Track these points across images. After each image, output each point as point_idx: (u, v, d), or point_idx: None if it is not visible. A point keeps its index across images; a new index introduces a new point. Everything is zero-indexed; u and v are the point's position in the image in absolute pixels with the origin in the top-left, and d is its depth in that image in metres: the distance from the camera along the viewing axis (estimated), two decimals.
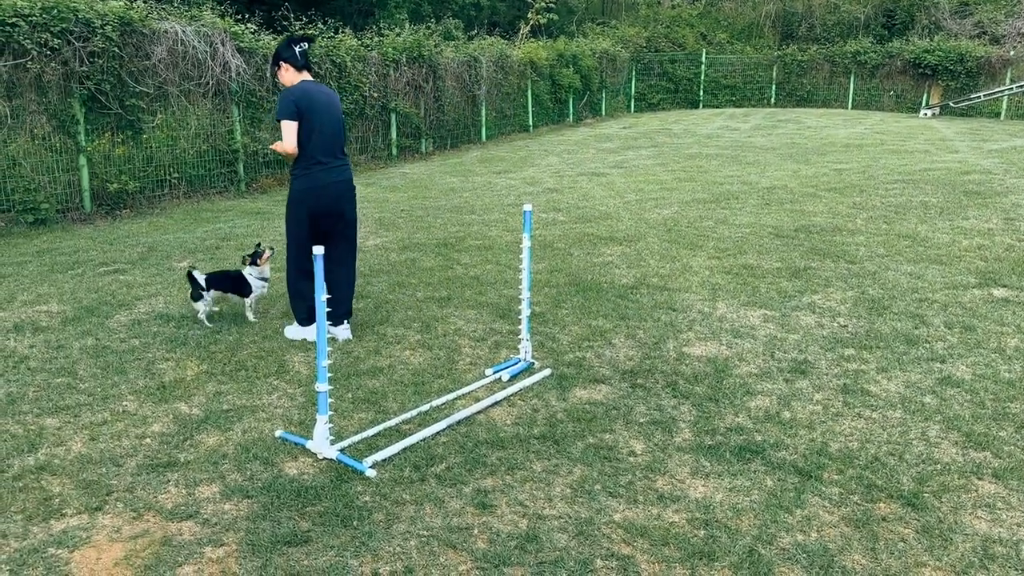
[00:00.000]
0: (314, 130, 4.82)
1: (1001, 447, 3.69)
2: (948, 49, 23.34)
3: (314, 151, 4.86)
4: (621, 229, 8.25)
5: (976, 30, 25.71)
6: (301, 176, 4.94)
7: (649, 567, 2.86)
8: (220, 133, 11.08)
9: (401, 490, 3.35)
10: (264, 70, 11.44)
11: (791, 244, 7.49)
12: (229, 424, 3.98)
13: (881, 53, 24.72)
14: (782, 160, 13.43)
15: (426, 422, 3.97)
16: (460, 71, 16.31)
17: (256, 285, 5.45)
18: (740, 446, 3.72)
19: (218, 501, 3.30)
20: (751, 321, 5.43)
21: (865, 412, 4.07)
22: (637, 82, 26.71)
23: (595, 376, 4.57)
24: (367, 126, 14.00)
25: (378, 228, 8.54)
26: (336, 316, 5.07)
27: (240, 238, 8.09)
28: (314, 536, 3.04)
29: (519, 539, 3.02)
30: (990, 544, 2.97)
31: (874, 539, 3.01)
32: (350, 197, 5.13)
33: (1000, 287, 6.09)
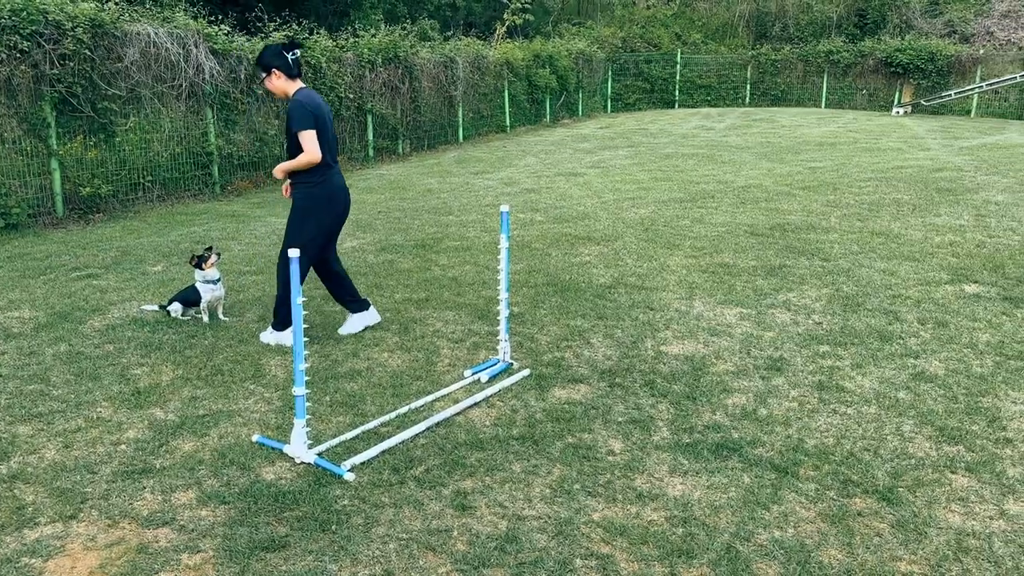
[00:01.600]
0: (326, 138, 4.83)
1: (974, 441, 3.74)
2: (919, 48, 23.66)
3: (327, 158, 4.87)
4: (599, 229, 8.28)
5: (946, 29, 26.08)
6: (321, 183, 4.89)
7: (628, 566, 2.87)
8: (194, 135, 10.99)
9: (380, 493, 3.34)
10: (238, 72, 11.36)
11: (766, 242, 7.55)
12: (205, 429, 3.95)
13: (853, 52, 25.00)
14: (757, 159, 13.54)
15: (405, 424, 3.96)
16: (436, 72, 16.29)
17: (203, 289, 5.42)
18: (717, 444, 3.75)
19: (195, 507, 3.27)
20: (727, 319, 5.47)
21: (840, 408, 4.11)
22: (613, 82, 26.80)
23: (574, 376, 4.58)
24: (343, 127, 13.93)
25: (355, 230, 8.50)
26: (362, 301, 5.35)
27: (215, 241, 8.03)
28: (292, 541, 3.02)
29: (499, 540, 3.02)
30: (964, 537, 3.01)
31: (850, 534, 3.04)
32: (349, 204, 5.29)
33: (972, 283, 6.18)
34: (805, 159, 13.38)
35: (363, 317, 5.34)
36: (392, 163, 14.56)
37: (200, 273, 5.41)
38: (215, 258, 5.47)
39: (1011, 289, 5.99)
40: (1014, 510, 3.18)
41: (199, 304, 5.47)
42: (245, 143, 11.73)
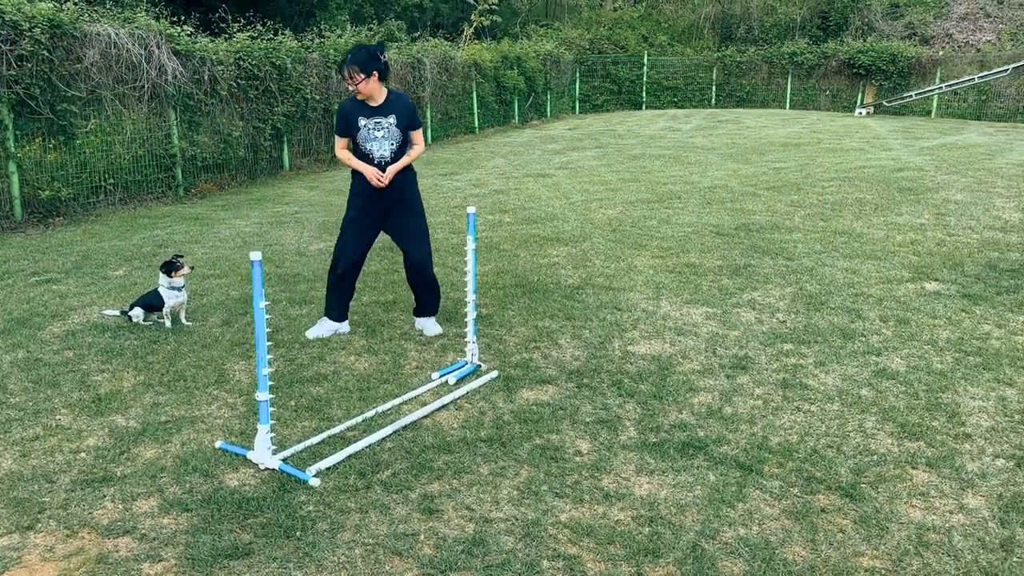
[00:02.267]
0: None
1: (934, 436, 3.80)
2: (880, 50, 24.05)
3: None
4: (567, 230, 8.30)
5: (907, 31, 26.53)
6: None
7: (595, 566, 2.88)
8: (157, 137, 10.83)
9: (346, 498, 3.31)
10: (201, 73, 11.21)
11: (732, 242, 7.62)
12: (167, 436, 3.89)
13: (817, 54, 25.34)
14: (723, 160, 13.66)
15: (371, 428, 3.93)
16: (404, 73, 16.22)
17: (166, 295, 5.34)
18: (683, 442, 3.77)
19: (156, 515, 3.22)
20: (694, 319, 5.51)
21: (804, 406, 4.16)
22: (581, 84, 26.90)
23: (542, 377, 4.58)
24: (309, 128, 13.83)
25: (322, 232, 8.44)
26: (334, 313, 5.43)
27: (178, 245, 7.92)
28: (256, 548, 2.98)
29: (466, 543, 3.01)
30: (924, 532, 3.06)
31: (814, 531, 3.07)
32: None
33: (932, 281, 6.29)
34: (770, 160, 13.53)
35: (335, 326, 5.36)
36: None
37: (166, 279, 5.33)
38: (187, 270, 5.40)
39: (970, 286, 6.10)
40: (973, 504, 3.24)
41: (161, 309, 5.39)
42: (209, 145, 11.59)
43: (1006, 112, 21.68)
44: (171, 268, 5.35)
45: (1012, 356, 4.75)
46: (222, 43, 12.01)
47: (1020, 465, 3.53)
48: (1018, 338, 5.04)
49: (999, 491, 3.32)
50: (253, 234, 8.46)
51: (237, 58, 11.92)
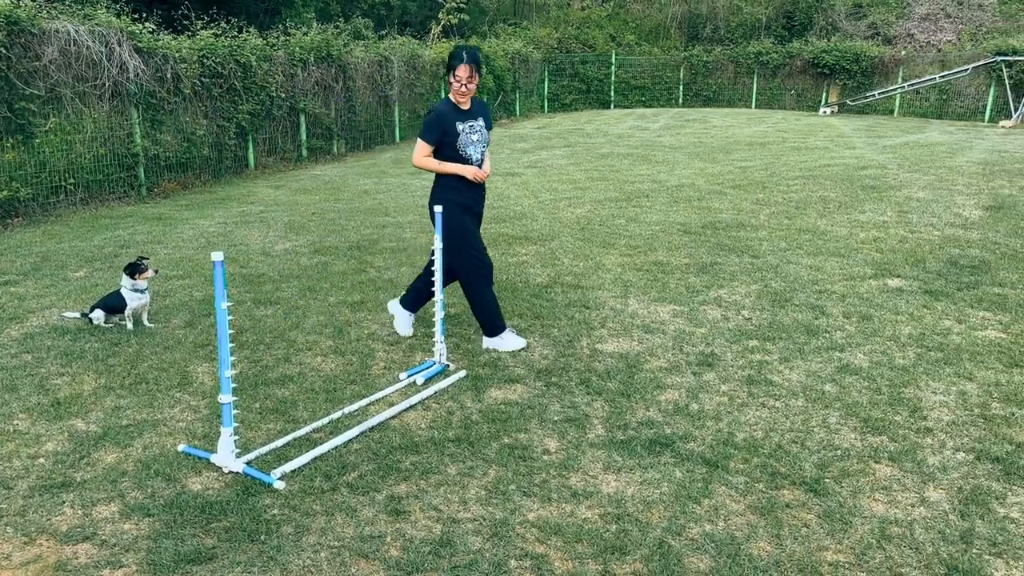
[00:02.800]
0: None
1: (897, 431, 3.86)
2: (844, 49, 24.39)
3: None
4: (535, 228, 8.30)
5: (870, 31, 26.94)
6: None
7: (562, 564, 2.87)
8: (119, 136, 10.65)
9: (311, 501, 3.28)
10: (164, 71, 11.04)
11: (698, 240, 7.67)
12: (129, 440, 3.82)
13: (782, 53, 25.63)
14: (690, 159, 13.76)
15: (338, 430, 3.90)
16: (371, 71, 16.12)
17: (129, 296, 5.26)
18: (651, 439, 3.78)
19: (117, 521, 3.16)
20: (661, 316, 5.54)
21: (769, 402, 4.20)
22: (550, 83, 26.95)
23: (510, 376, 4.57)
24: (275, 127, 13.69)
25: (287, 232, 8.35)
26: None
27: (141, 245, 7.79)
28: (219, 553, 2.94)
29: (433, 544, 2.99)
30: (887, 526, 3.10)
31: (779, 525, 3.10)
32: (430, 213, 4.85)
33: (895, 277, 6.38)
34: (736, 158, 13.65)
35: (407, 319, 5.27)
36: (327, 163, 14.36)
37: (129, 281, 5.24)
38: (151, 273, 5.32)
39: (931, 283, 6.20)
40: (934, 497, 3.29)
41: (123, 311, 5.30)
42: (172, 144, 11.42)
43: (966, 111, 22.10)
44: (135, 270, 5.26)
45: (972, 351, 4.83)
46: (185, 41, 11.84)
47: (980, 458, 3.59)
48: (978, 333, 5.13)
49: (959, 484, 3.38)
50: (217, 234, 8.35)
51: (201, 56, 11.76)
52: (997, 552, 2.92)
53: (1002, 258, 6.86)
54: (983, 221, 8.30)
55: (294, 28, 15.46)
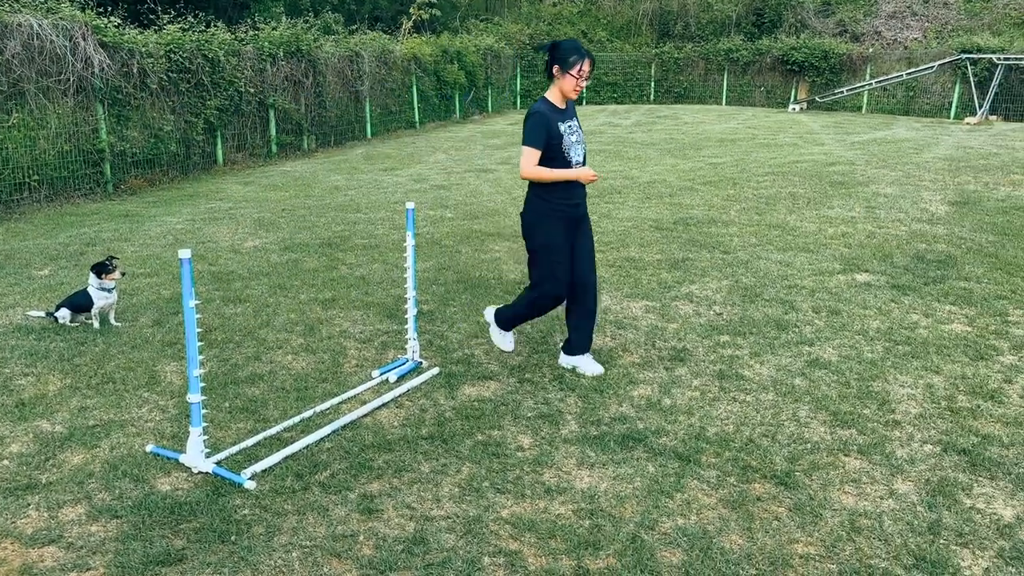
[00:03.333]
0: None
1: (865, 424, 3.91)
2: (813, 46, 24.63)
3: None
4: (508, 225, 8.29)
5: (838, 28, 27.21)
6: None
7: (536, 561, 2.87)
8: (84, 132, 10.46)
9: (282, 501, 3.24)
10: (130, 66, 10.87)
11: (670, 236, 7.71)
12: (96, 441, 3.76)
13: (752, 50, 25.84)
14: (661, 155, 13.83)
15: (309, 429, 3.86)
16: (341, 66, 16.00)
17: (96, 295, 5.17)
18: (623, 435, 3.80)
19: (84, 523, 3.10)
20: (634, 312, 5.56)
21: (740, 396, 4.23)
22: (522, 79, 26.93)
23: (484, 373, 4.56)
24: (244, 122, 13.53)
25: (257, 229, 8.27)
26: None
27: (107, 243, 7.67)
28: (189, 554, 2.90)
29: (406, 542, 2.97)
30: (857, 518, 3.14)
31: (750, 519, 3.12)
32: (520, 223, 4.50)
33: (863, 272, 6.46)
34: (707, 155, 13.74)
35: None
36: (297, 159, 14.23)
37: (97, 280, 5.15)
38: (119, 275, 5.23)
39: (899, 277, 6.29)
40: (902, 489, 3.33)
41: (90, 310, 5.21)
42: (139, 140, 11.25)
43: (932, 108, 22.43)
44: (103, 270, 5.17)
45: (939, 344, 4.90)
46: (151, 35, 11.66)
47: (947, 450, 3.65)
48: (944, 327, 5.21)
49: (927, 476, 3.43)
50: (185, 231, 8.24)
51: (168, 50, 11.59)
52: (963, 542, 2.97)
53: (967, 253, 6.97)
54: (949, 216, 8.43)
55: (263, 23, 15.28)
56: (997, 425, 3.88)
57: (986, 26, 24.25)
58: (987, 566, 2.84)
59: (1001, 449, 3.65)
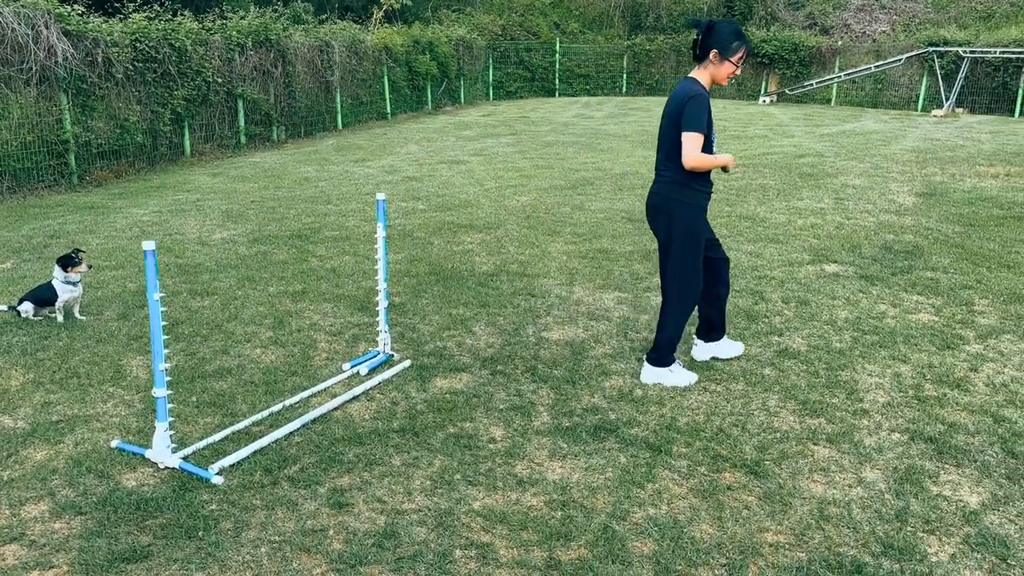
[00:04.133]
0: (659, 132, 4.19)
1: (834, 413, 3.94)
2: (783, 39, 24.80)
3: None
4: (481, 217, 8.26)
5: (808, 21, 27.43)
6: None
7: (508, 552, 2.86)
8: (47, 123, 10.25)
9: (251, 495, 3.20)
10: (95, 55, 10.66)
11: (642, 228, 7.72)
12: (59, 436, 3.68)
13: None
14: (634, 147, 13.86)
15: (278, 423, 3.82)
16: (311, 56, 15.83)
17: (61, 289, 5.08)
18: (595, 425, 3.80)
19: (47, 520, 3.04)
20: (606, 303, 5.56)
21: (710, 386, 4.25)
22: (495, 70, 26.84)
23: (456, 365, 4.54)
24: (212, 113, 13.35)
25: (225, 220, 8.16)
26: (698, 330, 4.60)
27: (72, 235, 7.52)
28: (155, 550, 2.85)
29: (377, 536, 2.95)
30: (825, 506, 3.16)
31: (720, 508, 3.14)
32: (656, 214, 4.23)
33: (831, 263, 6.52)
34: None
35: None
36: (266, 150, 14.07)
37: (62, 273, 5.05)
38: (85, 268, 5.13)
39: (867, 268, 6.35)
40: (870, 477, 3.37)
41: (54, 303, 5.11)
42: (105, 130, 11.05)
43: (900, 100, 22.69)
44: (68, 263, 5.07)
45: (906, 334, 4.96)
46: (116, 24, 11.45)
47: (914, 438, 3.69)
48: (912, 316, 5.28)
49: (894, 464, 3.47)
50: (152, 223, 8.11)
51: (133, 39, 11.39)
52: (930, 529, 3.01)
53: (934, 243, 7.07)
54: (916, 207, 8.54)
55: (231, 11, 15.08)
56: (963, 413, 3.93)
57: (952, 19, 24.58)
58: (953, 552, 2.87)
59: (967, 437, 3.70)
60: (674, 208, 4.12)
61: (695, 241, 4.15)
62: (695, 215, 4.13)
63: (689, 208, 4.11)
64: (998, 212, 8.21)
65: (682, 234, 4.12)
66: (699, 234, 4.15)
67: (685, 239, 4.13)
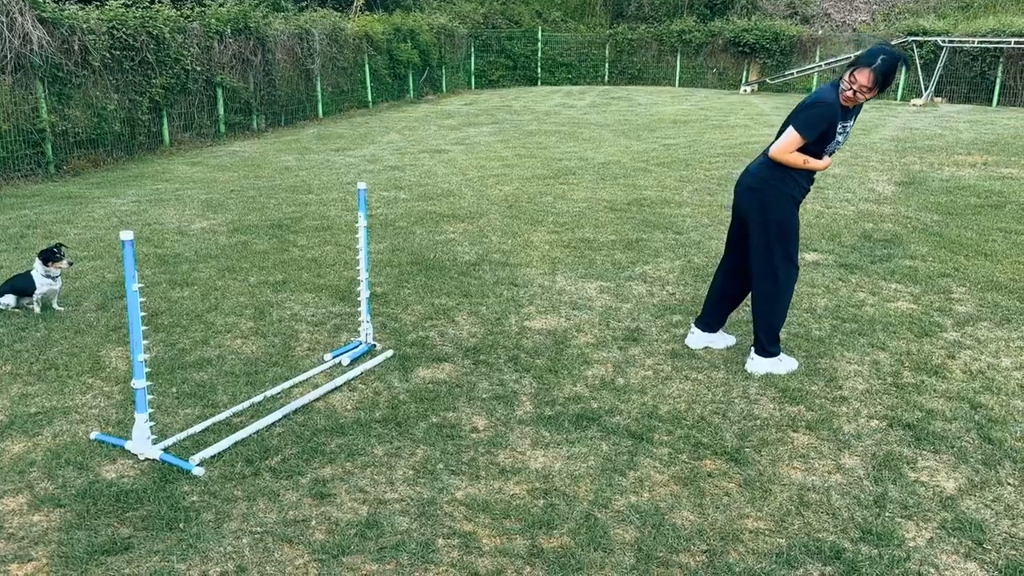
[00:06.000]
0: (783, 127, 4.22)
1: (813, 400, 3.98)
2: (764, 28, 24.85)
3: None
4: (463, 206, 8.24)
5: (788, 11, 27.52)
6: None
7: (490, 541, 2.87)
8: (23, 111, 10.11)
9: (232, 487, 3.19)
10: (71, 43, 10.51)
11: (624, 217, 7.74)
12: (37, 428, 3.65)
13: (704, 32, 25.98)
14: (616, 136, 13.86)
15: (260, 413, 3.80)
16: (291, 44, 15.69)
17: (40, 281, 5.02)
18: (578, 414, 3.81)
19: (25, 513, 3.01)
20: (588, 293, 5.57)
21: (692, 374, 4.27)
22: (477, 59, 26.73)
23: (438, 355, 4.53)
24: (191, 102, 13.20)
25: (205, 210, 8.09)
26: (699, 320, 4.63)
27: (49, 225, 7.43)
28: (136, 542, 2.84)
29: (359, 526, 2.95)
30: (805, 492, 3.20)
31: (701, 495, 3.16)
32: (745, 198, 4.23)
33: (811, 251, 6.56)
34: (660, 136, 13.81)
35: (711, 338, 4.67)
36: (246, 139, 13.95)
37: (42, 267, 4.99)
38: (66, 264, 5.08)
39: (846, 256, 6.40)
40: (849, 464, 3.40)
41: (32, 295, 5.05)
42: (82, 119, 10.91)
43: None
44: (50, 257, 5.00)
45: (885, 322, 5.01)
46: (93, 11, 11.28)
47: (892, 425, 3.73)
48: (890, 304, 5.33)
49: (873, 451, 3.51)
50: (130, 213, 8.03)
51: (110, 27, 11.23)
52: (908, 515, 3.05)
53: (913, 232, 7.13)
54: (895, 196, 8.61)
55: None
56: (941, 400, 3.98)
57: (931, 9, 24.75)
58: (931, 537, 2.91)
59: (944, 423, 3.74)
60: (770, 193, 4.14)
61: (790, 231, 4.15)
62: (792, 207, 4.15)
63: (787, 201, 4.13)
64: (976, 201, 8.30)
65: (780, 227, 4.13)
66: (791, 223, 4.15)
67: (787, 229, 4.14)
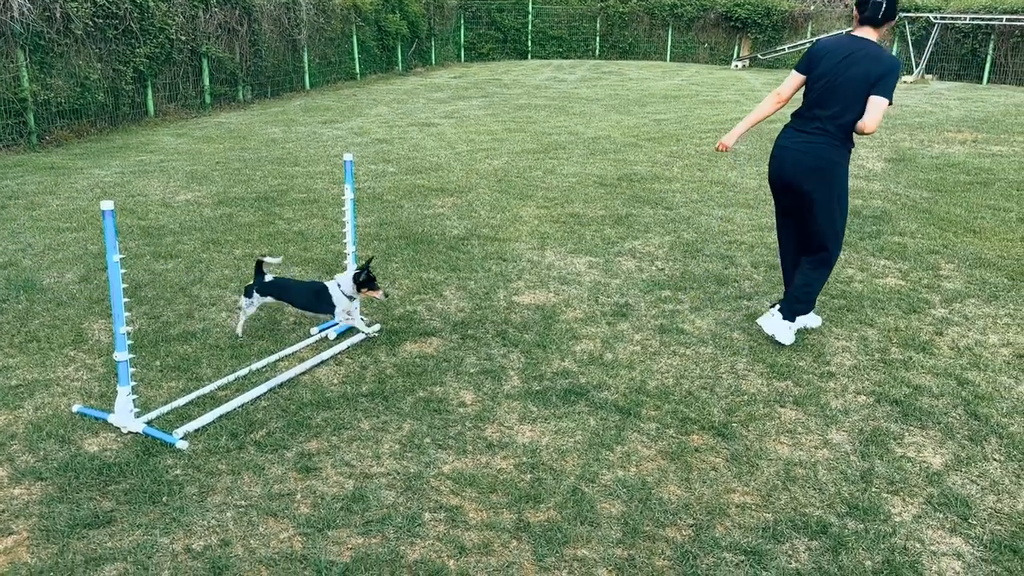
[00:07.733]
0: (810, 88, 4.34)
1: (801, 376, 3.97)
2: (756, 3, 24.68)
3: (799, 111, 4.43)
4: (452, 180, 8.17)
5: None
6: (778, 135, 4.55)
7: (477, 515, 2.86)
8: (4, 80, 9.92)
9: (216, 460, 3.16)
10: (52, 10, 10.30)
11: (614, 192, 7.70)
12: (18, 401, 3.60)
13: (696, 6, 25.78)
14: (606, 111, 13.77)
15: (245, 387, 3.76)
16: (278, 14, 15.45)
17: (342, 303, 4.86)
18: (566, 389, 3.79)
19: (5, 486, 2.98)
20: (577, 268, 5.54)
21: (680, 350, 4.26)
22: (466, 31, 26.45)
23: (426, 329, 4.50)
24: (176, 72, 13.01)
25: (190, 182, 7.99)
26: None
27: (31, 196, 7.32)
28: (118, 516, 2.81)
29: (345, 500, 2.93)
30: (792, 467, 3.20)
31: (688, 470, 3.16)
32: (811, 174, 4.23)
33: None
34: (651, 111, 13.73)
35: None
36: (232, 111, 13.77)
37: (352, 288, 4.84)
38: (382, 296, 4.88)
39: None
40: (836, 439, 3.40)
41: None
42: (64, 89, 10.72)
43: None
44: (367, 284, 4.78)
45: (873, 298, 5.01)
46: None
47: (879, 401, 3.73)
48: (879, 281, 5.32)
49: (860, 426, 3.51)
50: (114, 184, 7.92)
51: None
52: (894, 490, 3.05)
53: (902, 209, 7.12)
54: (885, 173, 8.60)
55: None
56: (928, 376, 3.99)
57: None
58: (917, 512, 2.92)
59: (931, 399, 3.75)
60: (838, 172, 4.22)
61: (846, 199, 4.30)
62: (846, 176, 4.30)
63: (844, 170, 4.25)
64: (965, 178, 8.29)
65: (843, 194, 4.26)
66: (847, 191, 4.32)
67: (845, 199, 4.27)
